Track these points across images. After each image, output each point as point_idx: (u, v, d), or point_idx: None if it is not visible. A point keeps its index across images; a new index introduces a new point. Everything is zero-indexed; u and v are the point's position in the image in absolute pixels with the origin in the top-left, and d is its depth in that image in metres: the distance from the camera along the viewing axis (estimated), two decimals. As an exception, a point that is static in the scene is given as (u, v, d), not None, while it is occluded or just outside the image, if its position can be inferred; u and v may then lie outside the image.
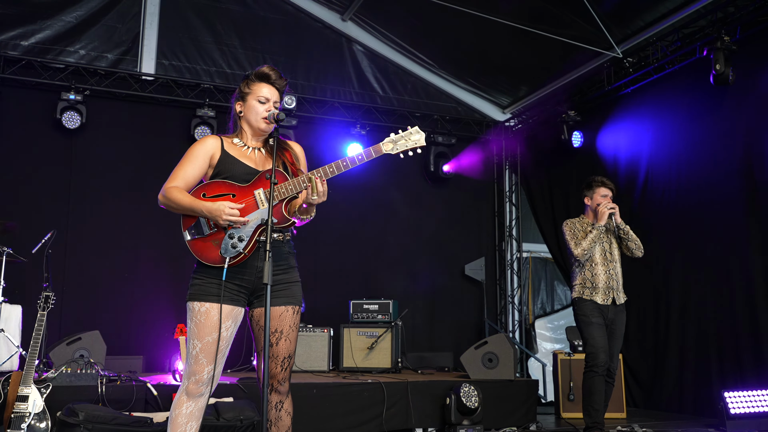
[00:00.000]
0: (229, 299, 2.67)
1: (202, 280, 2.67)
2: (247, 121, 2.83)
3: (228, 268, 2.63)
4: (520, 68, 7.86)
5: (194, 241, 2.68)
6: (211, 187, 2.72)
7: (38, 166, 6.54)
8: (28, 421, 3.79)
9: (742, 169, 5.60)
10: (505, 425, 5.39)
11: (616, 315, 4.63)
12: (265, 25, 7.66)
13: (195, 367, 2.64)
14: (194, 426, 2.66)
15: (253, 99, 2.80)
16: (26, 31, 6.64)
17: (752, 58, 5.56)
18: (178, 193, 2.68)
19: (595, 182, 4.81)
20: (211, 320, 2.63)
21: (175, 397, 2.69)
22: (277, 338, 2.74)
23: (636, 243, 4.69)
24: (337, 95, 7.89)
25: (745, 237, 5.53)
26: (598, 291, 4.60)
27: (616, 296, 4.63)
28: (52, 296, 4.19)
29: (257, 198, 2.71)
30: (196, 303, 2.65)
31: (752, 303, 5.42)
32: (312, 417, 4.87)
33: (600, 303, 4.59)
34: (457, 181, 8.18)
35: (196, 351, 2.64)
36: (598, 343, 4.49)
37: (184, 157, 2.78)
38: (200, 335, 2.63)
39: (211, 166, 2.77)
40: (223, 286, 2.63)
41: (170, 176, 2.75)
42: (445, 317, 7.97)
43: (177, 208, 2.68)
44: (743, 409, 4.93)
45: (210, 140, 2.81)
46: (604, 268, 4.65)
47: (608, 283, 4.62)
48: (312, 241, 7.41)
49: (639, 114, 6.71)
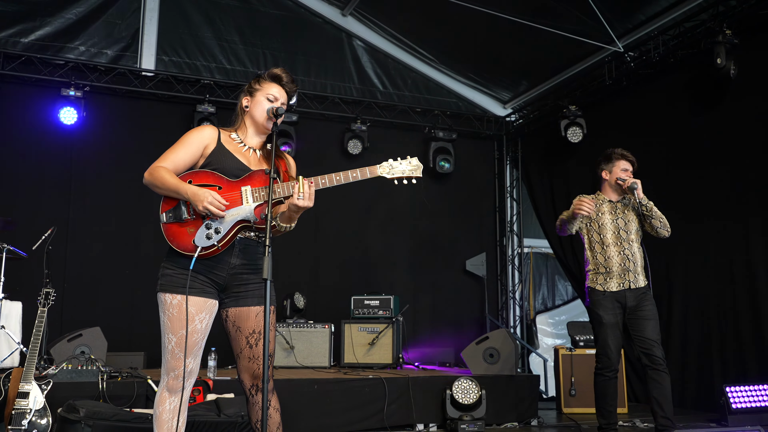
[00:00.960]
0: (200, 291, 2.62)
1: (173, 271, 2.61)
2: (252, 116, 2.80)
3: (199, 260, 2.58)
4: (520, 63, 7.84)
5: (169, 225, 2.63)
6: (199, 175, 2.68)
7: (38, 162, 6.53)
8: (29, 417, 3.78)
9: (745, 164, 5.59)
10: (507, 420, 5.38)
11: (639, 300, 4.15)
12: (265, 21, 7.65)
13: (173, 363, 2.60)
14: (181, 420, 2.64)
15: (261, 95, 2.79)
16: (26, 28, 6.64)
17: (754, 52, 5.54)
18: (165, 173, 2.64)
19: (615, 154, 4.36)
20: (183, 312, 2.57)
21: (157, 394, 2.64)
22: (256, 339, 2.70)
23: (661, 220, 4.19)
24: (337, 90, 7.87)
25: (748, 231, 5.52)
26: (612, 276, 4.18)
27: (633, 279, 4.17)
28: (52, 293, 4.18)
29: (243, 194, 2.64)
30: (168, 295, 2.60)
31: (755, 297, 5.42)
32: (313, 413, 4.87)
33: (615, 290, 4.16)
34: (458, 176, 8.16)
35: (172, 345, 2.59)
36: (608, 345, 4.14)
37: (179, 141, 2.74)
38: (174, 329, 2.58)
39: (203, 156, 2.72)
40: (189, 275, 2.55)
41: (161, 156, 2.71)
42: (446, 313, 7.96)
43: (161, 188, 2.63)
44: (745, 403, 4.93)
45: (207, 129, 2.79)
46: (617, 248, 4.21)
47: (623, 264, 4.18)
48: (312, 237, 7.41)
49: (640, 108, 6.69)
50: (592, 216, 4.26)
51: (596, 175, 4.47)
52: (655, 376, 4.05)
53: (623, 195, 4.34)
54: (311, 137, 7.34)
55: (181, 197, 2.62)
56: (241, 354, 2.70)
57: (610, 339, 4.14)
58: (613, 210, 4.30)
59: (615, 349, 4.14)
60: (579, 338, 6.16)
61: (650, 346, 4.06)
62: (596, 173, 4.46)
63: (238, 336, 2.70)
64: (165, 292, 2.61)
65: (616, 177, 4.30)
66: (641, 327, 4.10)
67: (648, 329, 4.08)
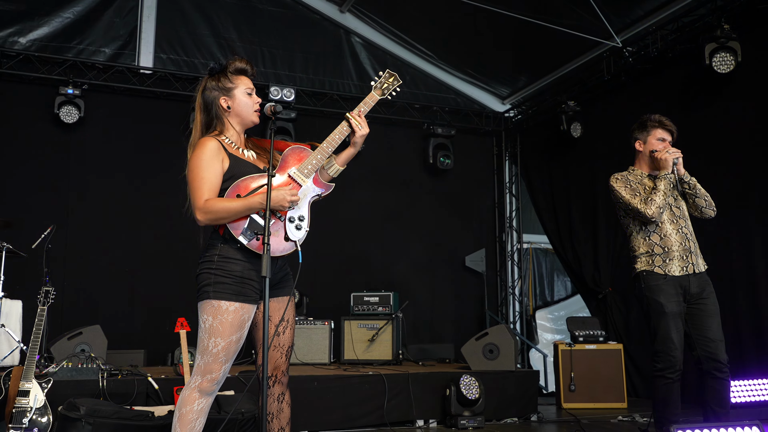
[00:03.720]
0: (255, 299, 2.63)
1: (229, 279, 2.58)
2: (238, 114, 2.76)
3: (255, 267, 2.60)
4: (519, 59, 7.83)
5: (258, 241, 2.59)
6: (241, 186, 2.63)
7: (37, 160, 6.53)
8: (29, 415, 3.79)
9: (744, 160, 5.59)
10: (506, 416, 5.39)
11: (702, 287, 3.50)
12: (262, 18, 7.64)
13: (213, 366, 2.58)
14: (202, 421, 2.63)
15: (239, 92, 2.76)
16: (25, 27, 6.64)
17: (752, 46, 5.53)
18: (222, 202, 2.58)
19: (651, 122, 3.71)
20: (237, 319, 2.58)
21: (185, 393, 2.61)
22: (284, 327, 2.74)
23: (706, 199, 3.61)
24: (335, 87, 7.87)
25: (747, 227, 5.52)
26: (673, 258, 3.50)
27: (695, 262, 3.52)
28: (52, 291, 4.19)
29: (296, 178, 2.71)
30: (224, 302, 2.56)
31: (753, 292, 5.42)
32: (313, 409, 4.88)
33: (678, 275, 3.48)
34: (457, 172, 8.16)
35: (218, 349, 2.56)
36: (671, 340, 3.40)
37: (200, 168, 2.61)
38: (224, 334, 2.56)
39: (223, 171, 2.65)
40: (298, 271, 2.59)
41: (194, 193, 2.59)
42: (445, 309, 7.98)
43: (229, 216, 2.57)
44: (744, 397, 4.95)
45: (213, 143, 2.66)
46: (674, 226, 3.55)
47: (684, 244, 3.52)
48: (312, 233, 7.39)
49: (639, 103, 6.68)
50: (639, 189, 3.65)
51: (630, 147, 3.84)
52: (717, 386, 3.39)
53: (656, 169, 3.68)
54: (310, 134, 7.31)
55: (254, 211, 2.59)
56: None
57: (674, 332, 3.41)
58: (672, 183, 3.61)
59: (679, 344, 3.41)
60: (578, 333, 6.17)
61: (715, 348, 3.40)
62: (630, 144, 3.83)
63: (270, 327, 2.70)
64: (220, 299, 2.56)
65: (651, 149, 3.67)
66: (704, 324, 3.44)
67: (713, 327, 3.43)
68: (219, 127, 2.77)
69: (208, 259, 2.64)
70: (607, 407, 5.90)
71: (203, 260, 2.66)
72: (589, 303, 7.40)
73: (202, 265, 2.65)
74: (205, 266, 2.64)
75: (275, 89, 7.09)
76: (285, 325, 2.74)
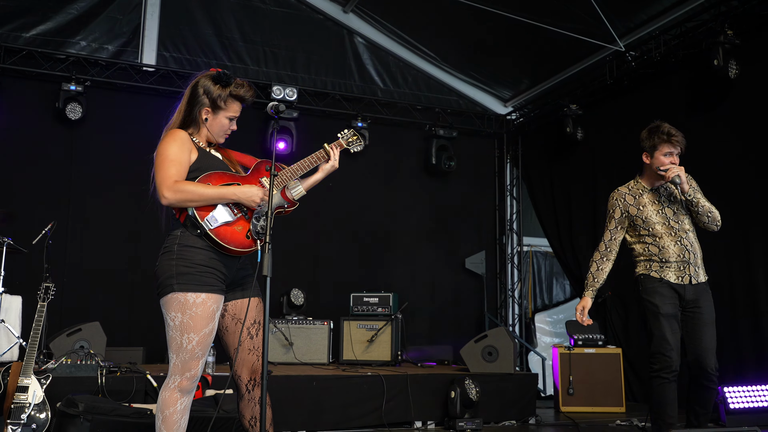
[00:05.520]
0: (220, 288, 2.63)
1: (191, 269, 2.56)
2: (211, 130, 2.81)
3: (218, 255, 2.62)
4: (522, 61, 7.83)
5: (220, 228, 2.61)
6: (213, 177, 2.68)
7: (39, 156, 6.53)
8: (27, 411, 3.79)
9: (746, 165, 5.59)
10: (505, 419, 5.39)
11: (699, 295, 3.57)
12: (265, 17, 7.64)
13: (191, 363, 2.56)
14: (186, 419, 2.62)
15: (224, 116, 2.80)
16: (28, 22, 6.63)
17: (755, 51, 5.53)
18: (194, 184, 2.61)
19: (659, 135, 3.65)
20: (207, 311, 2.55)
21: (164, 394, 2.57)
22: (257, 329, 2.74)
23: (709, 215, 3.65)
24: (338, 87, 7.87)
25: (747, 233, 5.52)
26: (670, 266, 3.59)
27: (694, 273, 3.58)
28: (52, 287, 4.19)
29: (266, 185, 2.76)
30: (190, 294, 2.54)
31: (753, 297, 5.42)
32: (311, 409, 4.88)
33: (673, 282, 3.57)
34: (458, 174, 8.17)
35: (192, 345, 2.54)
36: (666, 341, 3.45)
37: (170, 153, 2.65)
38: (197, 328, 2.54)
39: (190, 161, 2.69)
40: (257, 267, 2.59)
41: (164, 172, 2.60)
42: (445, 310, 7.97)
43: (198, 200, 2.59)
44: (743, 404, 4.94)
45: (183, 134, 2.73)
46: (672, 239, 3.62)
47: (682, 255, 3.58)
48: (312, 234, 7.42)
49: (641, 108, 6.68)
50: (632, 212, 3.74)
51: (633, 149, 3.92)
52: (704, 392, 3.50)
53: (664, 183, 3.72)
54: (311, 134, 7.33)
55: (226, 201, 2.64)
56: (241, 347, 2.70)
57: (669, 333, 3.47)
58: (656, 199, 3.72)
59: (675, 345, 3.46)
60: (577, 337, 6.18)
61: (704, 357, 3.46)
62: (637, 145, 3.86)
63: (238, 328, 2.70)
64: (186, 291, 2.54)
65: (656, 166, 3.66)
66: (696, 332, 3.51)
67: (705, 336, 3.49)
68: (192, 129, 2.80)
69: (168, 249, 2.62)
70: (605, 411, 5.90)
71: (163, 251, 2.63)
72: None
73: (162, 256, 2.62)
74: (165, 257, 2.61)
75: (278, 88, 7.09)
76: (258, 327, 2.74)
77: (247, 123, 7.26)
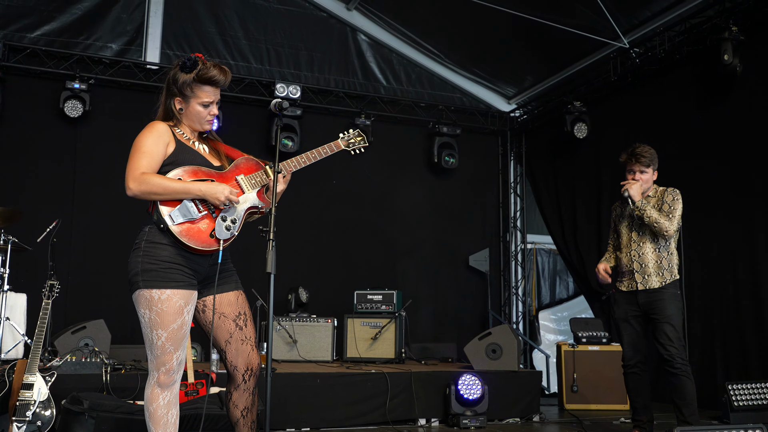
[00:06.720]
0: (188, 283, 2.61)
1: (156, 266, 2.56)
2: (189, 120, 2.75)
3: (183, 252, 2.59)
4: (525, 59, 7.82)
5: (183, 225, 2.58)
6: (188, 172, 2.64)
7: (43, 154, 6.55)
8: (33, 409, 3.80)
9: (750, 161, 5.57)
10: (509, 416, 5.39)
11: (652, 299, 4.11)
12: (269, 15, 7.66)
13: (164, 358, 2.57)
14: (175, 413, 2.62)
15: (196, 103, 2.71)
16: (32, 22, 6.67)
17: (761, 48, 5.51)
18: (160, 178, 2.57)
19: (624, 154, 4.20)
20: (173, 306, 2.56)
21: (147, 391, 2.59)
22: (244, 320, 2.74)
23: (655, 225, 4.05)
24: (341, 85, 7.88)
25: (752, 228, 5.51)
26: (623, 276, 4.26)
27: (641, 281, 4.13)
28: (56, 285, 4.20)
29: (241, 184, 2.73)
30: (155, 291, 2.55)
31: (758, 295, 5.40)
32: (315, 407, 4.88)
33: (624, 290, 4.23)
34: (462, 171, 8.16)
35: (162, 341, 2.56)
36: (622, 339, 4.27)
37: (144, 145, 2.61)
38: (165, 324, 2.56)
39: (166, 154, 2.65)
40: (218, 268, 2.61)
41: (133, 163, 2.58)
42: (448, 308, 7.97)
43: (162, 193, 2.56)
44: (747, 401, 4.92)
45: (163, 126, 2.68)
46: (626, 250, 4.24)
47: (628, 266, 4.20)
48: (316, 231, 7.42)
49: (645, 105, 6.67)
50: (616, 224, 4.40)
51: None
52: (670, 378, 4.03)
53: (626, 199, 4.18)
54: (315, 131, 7.33)
55: (191, 196, 2.60)
56: (232, 338, 2.70)
57: (623, 334, 4.25)
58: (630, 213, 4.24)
59: (628, 343, 4.22)
60: (581, 334, 6.16)
61: (663, 348, 4.01)
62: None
63: (224, 322, 2.71)
64: (151, 288, 2.56)
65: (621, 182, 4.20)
66: (656, 330, 4.08)
67: (661, 333, 4.04)
68: (174, 121, 2.76)
69: (137, 245, 2.65)
70: (609, 408, 5.89)
71: (133, 248, 2.66)
72: (592, 304, 7.39)
73: (132, 253, 2.65)
74: (134, 254, 2.64)
75: (281, 86, 7.09)
76: (245, 318, 2.75)
77: (251, 121, 7.34)
